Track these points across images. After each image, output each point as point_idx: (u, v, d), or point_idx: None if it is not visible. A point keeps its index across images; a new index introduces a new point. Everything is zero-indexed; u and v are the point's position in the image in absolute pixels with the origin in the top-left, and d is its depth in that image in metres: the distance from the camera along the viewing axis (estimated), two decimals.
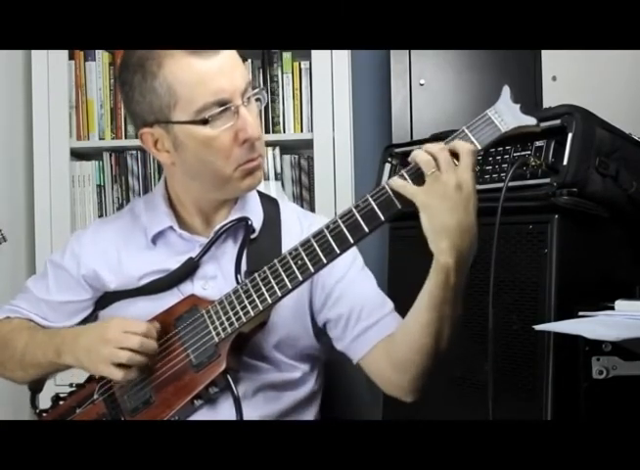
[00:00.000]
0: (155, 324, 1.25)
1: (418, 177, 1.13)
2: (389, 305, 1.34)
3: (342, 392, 1.50)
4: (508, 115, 1.13)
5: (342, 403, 1.49)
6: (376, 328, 1.30)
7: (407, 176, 1.14)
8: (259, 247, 1.31)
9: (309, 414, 1.37)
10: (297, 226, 1.38)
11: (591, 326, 1.15)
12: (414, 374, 1.25)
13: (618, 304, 1.24)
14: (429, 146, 1.13)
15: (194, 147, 1.24)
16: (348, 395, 1.54)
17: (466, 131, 1.13)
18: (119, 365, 1.21)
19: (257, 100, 1.28)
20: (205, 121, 1.21)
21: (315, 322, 1.36)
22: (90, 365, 1.26)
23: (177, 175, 1.33)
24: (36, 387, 1.40)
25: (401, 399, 1.30)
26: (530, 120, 1.13)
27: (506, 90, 1.14)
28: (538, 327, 1.23)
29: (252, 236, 1.32)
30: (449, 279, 1.14)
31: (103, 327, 1.25)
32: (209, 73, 1.20)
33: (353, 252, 1.33)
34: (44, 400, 1.39)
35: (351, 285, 1.33)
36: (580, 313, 1.24)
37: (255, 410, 1.27)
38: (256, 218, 1.34)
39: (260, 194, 1.40)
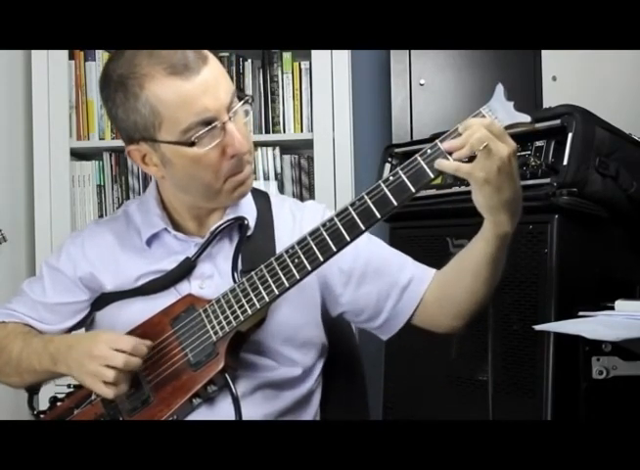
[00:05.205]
0: (146, 342, 1.24)
1: (415, 173, 1.13)
2: (409, 259, 1.36)
3: (342, 391, 1.50)
4: (502, 112, 1.13)
5: (341, 403, 1.49)
6: (414, 284, 1.32)
7: (402, 174, 1.14)
8: (254, 245, 1.31)
9: (309, 413, 1.37)
10: (289, 219, 1.38)
11: (591, 326, 1.14)
12: (471, 317, 1.30)
13: (618, 304, 1.24)
14: (470, 125, 1.11)
15: (182, 164, 1.23)
16: (348, 394, 1.53)
17: (460, 130, 1.13)
18: (107, 383, 1.21)
19: (245, 108, 1.27)
20: (191, 143, 1.20)
21: (327, 310, 1.36)
22: (80, 378, 1.26)
23: (167, 187, 1.33)
24: (33, 388, 1.40)
25: (454, 334, 1.37)
26: (524, 117, 1.13)
27: (499, 88, 1.14)
28: (538, 327, 1.23)
29: (247, 234, 1.32)
30: (505, 243, 1.20)
31: (91, 341, 1.24)
32: (192, 94, 1.19)
33: None
34: (42, 402, 1.39)
35: (370, 256, 1.34)
36: (580, 313, 1.24)
37: (254, 409, 1.27)
38: (251, 217, 1.34)
39: (252, 190, 1.39)
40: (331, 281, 1.34)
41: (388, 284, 1.32)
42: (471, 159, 1.11)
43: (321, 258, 1.18)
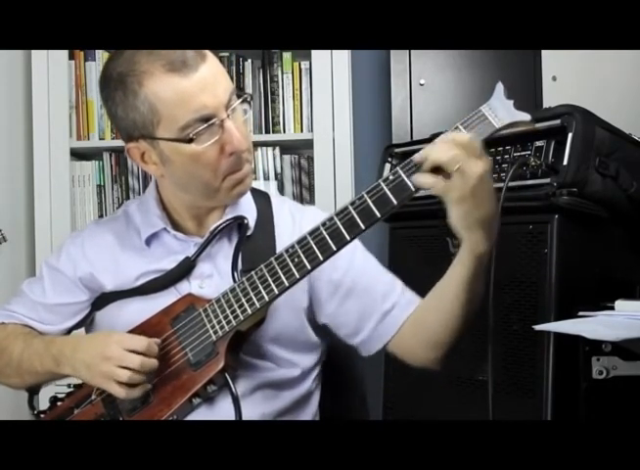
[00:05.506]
0: (156, 340, 1.25)
1: (415, 173, 1.13)
2: (399, 282, 1.35)
3: (342, 391, 1.50)
4: (502, 110, 1.13)
5: (341, 403, 1.49)
6: (397, 310, 1.31)
7: (402, 173, 1.14)
8: (254, 244, 1.31)
9: (308, 413, 1.37)
10: (289, 220, 1.38)
11: (591, 326, 1.14)
12: (448, 349, 1.28)
13: (618, 304, 1.24)
14: (445, 142, 1.10)
15: (181, 162, 1.24)
16: (348, 394, 1.53)
17: (460, 128, 1.13)
18: (121, 383, 1.21)
19: (244, 107, 1.27)
20: (190, 140, 1.20)
21: (313, 316, 1.36)
22: (90, 379, 1.26)
23: (167, 185, 1.33)
24: (33, 388, 1.39)
25: (430, 368, 1.33)
26: (524, 116, 1.13)
27: (499, 87, 1.14)
28: (538, 327, 1.23)
29: (247, 234, 1.32)
30: (482, 263, 1.18)
31: (103, 342, 1.24)
32: (190, 91, 1.19)
33: None
34: (42, 402, 1.39)
35: (361, 273, 1.33)
36: (580, 313, 1.24)
37: (254, 409, 1.27)
38: (251, 216, 1.34)
39: (252, 190, 1.39)
40: (318, 289, 1.34)
41: (370, 306, 1.32)
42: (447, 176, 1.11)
43: (321, 258, 1.18)
